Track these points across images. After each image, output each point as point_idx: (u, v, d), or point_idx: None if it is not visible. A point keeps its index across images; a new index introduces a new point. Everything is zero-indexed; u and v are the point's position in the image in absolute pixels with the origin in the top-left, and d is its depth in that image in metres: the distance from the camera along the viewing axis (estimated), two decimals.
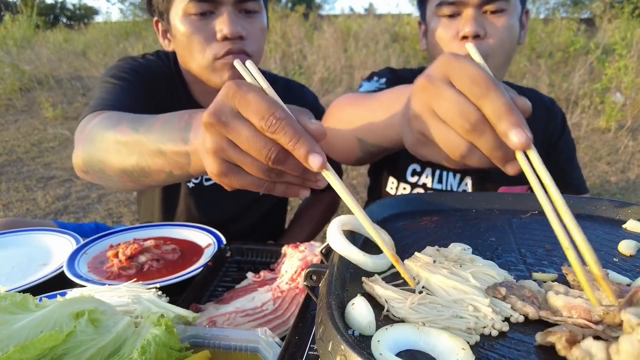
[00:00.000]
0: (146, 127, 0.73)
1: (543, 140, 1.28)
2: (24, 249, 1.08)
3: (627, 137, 4.91)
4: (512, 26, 1.08)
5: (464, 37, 1.07)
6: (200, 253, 1.02)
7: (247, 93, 0.50)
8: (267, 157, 0.51)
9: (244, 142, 0.51)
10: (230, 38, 1.05)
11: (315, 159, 0.49)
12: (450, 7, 1.09)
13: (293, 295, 0.77)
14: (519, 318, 0.48)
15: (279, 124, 0.49)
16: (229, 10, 1.05)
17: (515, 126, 0.47)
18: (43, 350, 0.52)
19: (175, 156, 0.67)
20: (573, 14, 10.17)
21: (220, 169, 0.54)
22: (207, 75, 1.11)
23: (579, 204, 0.77)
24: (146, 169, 0.74)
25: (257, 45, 1.12)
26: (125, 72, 1.15)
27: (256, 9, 1.10)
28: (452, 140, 0.52)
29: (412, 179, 1.28)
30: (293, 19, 8.91)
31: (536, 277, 0.57)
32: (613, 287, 0.51)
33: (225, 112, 0.51)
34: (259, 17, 1.12)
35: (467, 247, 0.63)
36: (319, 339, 0.46)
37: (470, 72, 0.49)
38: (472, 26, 1.05)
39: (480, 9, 1.07)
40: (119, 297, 0.69)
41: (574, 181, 1.31)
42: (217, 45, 1.06)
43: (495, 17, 1.07)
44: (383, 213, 0.73)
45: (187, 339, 0.64)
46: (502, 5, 1.06)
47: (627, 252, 0.62)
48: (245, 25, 1.08)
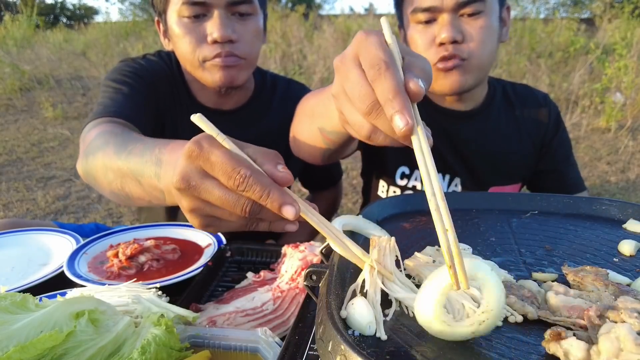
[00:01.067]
0: (126, 154, 0.74)
1: (535, 137, 1.26)
2: (24, 249, 1.08)
3: (627, 137, 4.91)
4: (490, 27, 1.07)
5: (441, 43, 1.06)
6: (200, 253, 1.02)
7: (210, 154, 0.50)
8: (242, 211, 0.51)
9: (217, 200, 0.52)
10: (220, 42, 1.06)
11: (289, 211, 0.50)
12: (425, 13, 1.07)
13: (293, 295, 0.77)
14: (518, 318, 0.48)
15: (246, 182, 0.49)
16: (221, 13, 1.06)
17: (397, 112, 0.46)
18: (43, 350, 0.52)
19: (150, 189, 0.69)
20: (573, 13, 10.17)
21: (201, 224, 0.56)
22: (200, 75, 1.13)
23: (579, 204, 0.77)
24: (129, 194, 0.76)
25: (250, 47, 1.12)
26: (127, 76, 1.16)
27: (250, 12, 1.10)
28: (358, 121, 0.52)
29: (401, 182, 1.28)
30: (293, 18, 8.91)
31: (536, 277, 0.57)
32: (613, 287, 0.51)
33: (193, 175, 0.52)
34: (253, 20, 1.12)
35: (467, 247, 0.63)
36: (319, 338, 0.46)
37: (371, 53, 0.49)
38: (449, 32, 1.04)
39: (456, 13, 1.05)
40: (119, 297, 0.69)
41: (571, 180, 1.30)
42: (208, 47, 1.08)
43: (472, 20, 1.06)
44: (383, 213, 0.73)
45: (187, 339, 0.64)
46: (479, 7, 1.05)
47: (627, 252, 0.62)
48: (237, 27, 1.09)
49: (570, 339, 0.41)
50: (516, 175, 1.27)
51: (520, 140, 1.25)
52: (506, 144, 1.24)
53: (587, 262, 0.60)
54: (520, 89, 1.32)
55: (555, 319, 0.47)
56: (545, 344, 0.42)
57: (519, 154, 1.25)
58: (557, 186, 1.28)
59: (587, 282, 0.53)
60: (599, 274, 0.54)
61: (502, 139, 1.24)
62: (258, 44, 1.16)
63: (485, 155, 1.24)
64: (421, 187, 1.27)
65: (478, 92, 1.22)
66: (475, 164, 1.24)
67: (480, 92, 1.23)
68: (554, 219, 0.74)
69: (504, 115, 1.25)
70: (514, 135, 1.25)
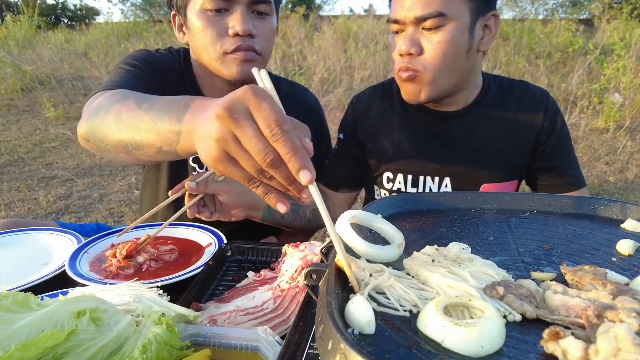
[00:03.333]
0: (149, 104, 0.78)
1: (530, 134, 1.25)
2: (26, 249, 1.08)
3: (625, 137, 4.92)
4: (451, 40, 1.09)
5: (400, 54, 1.13)
6: (201, 252, 1.03)
7: (263, 101, 0.56)
8: (263, 159, 0.56)
9: (247, 140, 0.56)
10: (242, 35, 1.12)
11: (306, 174, 0.55)
12: (395, 25, 1.13)
13: (293, 294, 0.77)
14: (517, 317, 0.49)
15: (282, 136, 0.55)
16: (242, 9, 1.12)
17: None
18: (44, 349, 0.53)
19: (167, 133, 0.72)
20: (572, 14, 10.17)
21: (218, 156, 0.59)
22: (217, 67, 1.17)
23: (578, 203, 0.77)
24: (139, 143, 0.78)
25: (267, 44, 1.18)
26: (138, 61, 1.21)
27: (267, 12, 1.17)
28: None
29: (387, 185, 1.32)
30: (293, 19, 8.92)
31: (534, 276, 0.58)
32: (611, 287, 0.51)
33: (238, 110, 0.56)
34: (270, 20, 1.18)
35: (465, 246, 0.64)
36: (319, 337, 0.46)
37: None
38: (405, 44, 1.11)
39: (417, 27, 1.10)
40: (121, 296, 0.69)
41: (569, 177, 1.28)
42: (229, 40, 1.13)
43: (432, 34, 1.09)
44: (382, 212, 0.73)
45: (187, 338, 0.64)
46: (438, 22, 1.07)
47: (626, 251, 0.62)
48: (256, 24, 1.15)
49: (568, 338, 0.41)
50: (509, 172, 1.27)
51: (513, 138, 1.25)
52: (498, 142, 1.24)
53: (586, 262, 0.60)
54: (517, 85, 1.31)
55: (554, 318, 0.47)
56: (544, 343, 0.43)
57: (511, 151, 1.25)
58: (557, 183, 1.28)
59: (585, 282, 0.53)
60: (598, 273, 0.54)
61: (494, 137, 1.24)
62: (272, 43, 1.22)
63: (475, 154, 1.24)
64: (405, 189, 1.29)
65: (465, 94, 1.23)
66: (465, 162, 1.25)
67: (469, 93, 1.24)
68: (553, 219, 0.75)
69: (497, 113, 1.25)
70: (507, 133, 1.24)
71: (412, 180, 1.27)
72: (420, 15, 1.07)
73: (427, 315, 0.47)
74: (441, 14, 1.06)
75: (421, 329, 0.47)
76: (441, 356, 0.43)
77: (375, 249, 0.60)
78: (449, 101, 1.22)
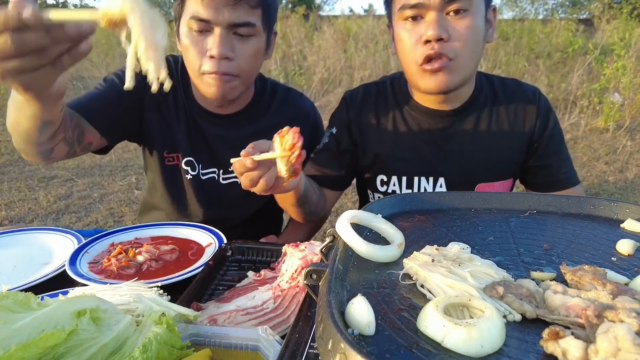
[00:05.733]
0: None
1: (523, 133, 1.24)
2: (26, 248, 1.08)
3: (625, 137, 4.92)
4: (476, 27, 1.07)
5: (427, 41, 1.06)
6: (201, 252, 1.03)
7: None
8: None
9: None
10: (217, 58, 1.11)
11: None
12: (412, 10, 1.07)
13: (293, 294, 0.77)
14: (517, 317, 0.49)
15: None
16: (222, 32, 1.10)
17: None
18: (45, 348, 0.53)
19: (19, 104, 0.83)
20: (572, 14, 10.18)
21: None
22: (198, 83, 1.19)
23: (578, 203, 0.77)
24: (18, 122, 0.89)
25: (247, 65, 1.16)
26: (116, 75, 1.26)
27: (250, 33, 1.14)
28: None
29: (382, 188, 1.31)
30: (293, 19, 8.92)
31: (534, 276, 0.58)
32: (611, 287, 0.51)
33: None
34: (253, 41, 1.16)
35: (465, 246, 0.64)
36: (319, 337, 0.46)
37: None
38: (435, 30, 1.04)
39: (442, 12, 1.05)
40: (121, 295, 0.69)
41: (563, 175, 1.28)
42: (206, 61, 1.13)
43: (458, 19, 1.06)
44: (382, 212, 0.73)
45: (188, 338, 0.64)
46: (464, 5, 1.04)
47: (626, 251, 0.62)
48: (237, 46, 1.13)
49: (568, 338, 0.41)
50: (503, 171, 1.27)
51: (507, 137, 1.24)
52: (492, 141, 1.24)
53: (586, 262, 0.60)
54: (509, 84, 1.30)
55: (554, 318, 0.47)
56: (544, 343, 0.43)
57: (505, 150, 1.25)
58: (550, 181, 1.28)
59: (585, 282, 0.53)
60: (597, 273, 0.54)
61: (488, 136, 1.24)
62: (256, 63, 1.20)
63: (470, 153, 1.24)
64: (400, 191, 1.28)
65: (464, 92, 1.22)
66: (460, 162, 1.24)
67: (466, 91, 1.23)
68: (553, 219, 0.75)
69: (490, 112, 1.25)
70: (500, 132, 1.24)
71: (407, 181, 1.27)
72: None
73: (427, 315, 0.47)
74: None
75: (421, 329, 0.47)
76: (441, 356, 0.43)
77: (375, 249, 0.60)
78: (452, 96, 1.21)
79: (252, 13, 1.11)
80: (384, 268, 0.60)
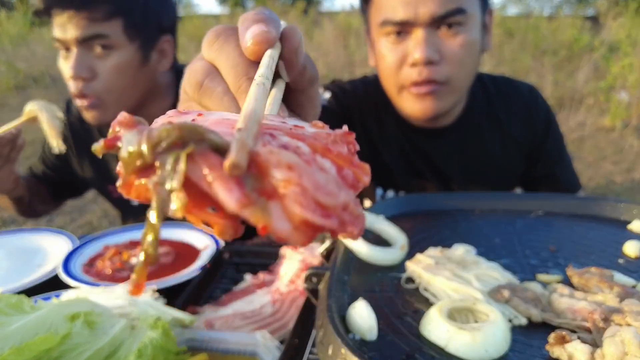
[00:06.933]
0: None
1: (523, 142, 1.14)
2: (19, 250, 1.07)
3: (632, 136, 4.88)
4: (472, 42, 0.93)
5: (414, 64, 0.91)
6: (197, 255, 1.01)
7: None
8: None
9: None
10: (74, 79, 1.11)
11: None
12: (397, 26, 0.92)
13: (292, 298, 0.76)
14: (522, 321, 0.47)
15: None
16: (75, 51, 1.10)
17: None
18: (38, 352, 0.52)
19: None
20: (577, 11, 10.12)
21: None
22: None
23: (584, 204, 0.76)
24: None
25: (105, 84, 1.13)
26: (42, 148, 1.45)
27: (112, 45, 1.11)
28: None
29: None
30: (293, 15, 8.89)
31: (540, 278, 0.56)
32: (618, 289, 0.50)
33: None
34: (112, 55, 1.13)
35: (470, 248, 0.62)
36: (319, 342, 0.45)
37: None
38: (423, 52, 0.89)
39: (432, 28, 0.90)
40: (115, 299, 0.68)
41: (565, 183, 1.19)
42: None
43: (452, 36, 0.91)
44: (386, 213, 0.72)
45: (184, 342, 0.63)
46: (459, 19, 0.90)
47: (633, 253, 0.61)
48: (94, 64, 1.11)
49: (574, 343, 0.40)
50: (502, 183, 1.18)
51: (504, 147, 1.14)
52: (488, 154, 1.14)
53: (592, 264, 0.59)
54: (503, 86, 1.16)
55: (560, 321, 0.46)
56: (549, 347, 0.42)
57: (503, 161, 1.15)
58: (552, 190, 1.16)
59: (592, 284, 0.52)
60: (604, 275, 0.53)
61: (483, 149, 1.14)
62: (119, 80, 1.16)
63: (465, 169, 1.14)
64: None
65: (456, 108, 1.09)
66: (455, 178, 1.15)
67: (459, 107, 1.10)
68: (559, 220, 0.73)
69: (486, 123, 1.14)
70: (497, 143, 1.14)
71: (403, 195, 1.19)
72: (439, 12, 0.88)
73: (431, 320, 0.46)
74: (462, 10, 0.90)
75: (424, 334, 0.46)
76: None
77: (377, 251, 0.59)
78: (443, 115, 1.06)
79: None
80: (386, 271, 0.59)
